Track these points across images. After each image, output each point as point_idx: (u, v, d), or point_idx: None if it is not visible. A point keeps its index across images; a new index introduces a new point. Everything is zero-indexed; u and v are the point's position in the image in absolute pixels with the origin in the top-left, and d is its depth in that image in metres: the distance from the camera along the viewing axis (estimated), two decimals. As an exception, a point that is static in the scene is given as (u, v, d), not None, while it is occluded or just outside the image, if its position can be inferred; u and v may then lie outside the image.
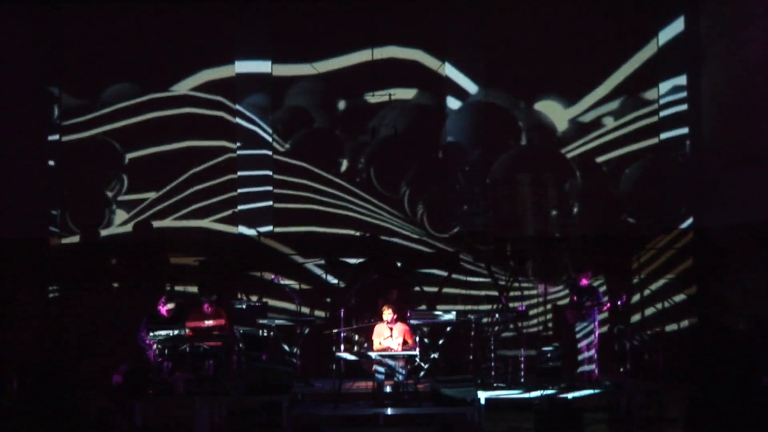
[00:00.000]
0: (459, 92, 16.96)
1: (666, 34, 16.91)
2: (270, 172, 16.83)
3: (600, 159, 17.01)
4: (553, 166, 16.95)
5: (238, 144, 16.81)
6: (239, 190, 16.74)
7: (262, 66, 16.91)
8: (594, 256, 16.55)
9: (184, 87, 16.86)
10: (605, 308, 13.71)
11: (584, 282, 13.88)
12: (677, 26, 16.90)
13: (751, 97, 15.07)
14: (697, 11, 16.65)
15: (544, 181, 16.93)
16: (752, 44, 15.02)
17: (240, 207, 16.65)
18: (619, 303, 14.13)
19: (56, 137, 16.79)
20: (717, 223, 16.26)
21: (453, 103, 17.00)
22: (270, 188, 16.78)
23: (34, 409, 11.88)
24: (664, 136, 16.96)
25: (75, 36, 16.72)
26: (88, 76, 16.75)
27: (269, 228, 16.70)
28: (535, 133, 17.06)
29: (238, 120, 16.83)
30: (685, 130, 16.89)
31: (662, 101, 16.96)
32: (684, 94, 16.86)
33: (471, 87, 16.96)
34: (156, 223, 16.76)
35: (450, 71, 16.95)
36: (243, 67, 16.87)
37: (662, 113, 16.96)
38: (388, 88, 16.77)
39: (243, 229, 16.63)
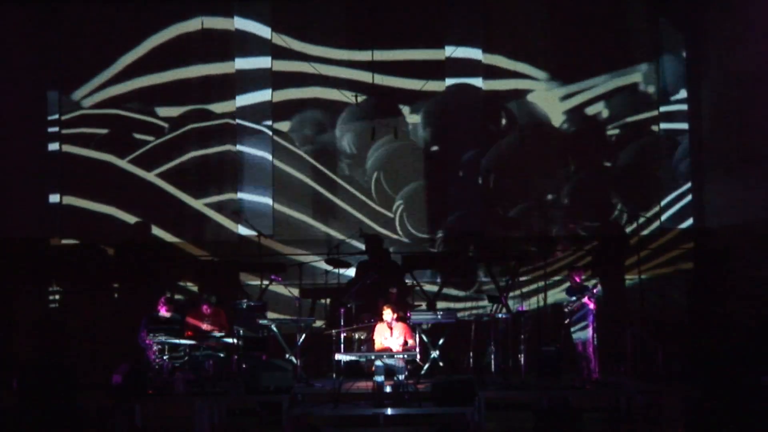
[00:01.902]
0: (459, 87, 16.98)
1: (667, 58, 17.05)
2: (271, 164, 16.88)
3: (599, 158, 17.06)
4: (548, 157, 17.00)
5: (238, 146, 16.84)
6: (239, 195, 16.78)
7: (261, 29, 16.87)
8: (590, 255, 16.60)
9: (180, 29, 16.78)
10: (593, 306, 13.62)
11: (577, 280, 13.89)
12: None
13: (751, 100, 15.11)
14: (696, 36, 16.75)
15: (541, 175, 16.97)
16: (751, 55, 15.11)
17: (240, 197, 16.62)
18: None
19: (56, 129, 16.76)
20: (717, 223, 16.27)
21: (452, 99, 17.00)
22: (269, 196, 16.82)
23: (34, 409, 11.88)
24: (663, 134, 17.02)
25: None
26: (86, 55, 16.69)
27: (270, 221, 16.68)
28: (530, 130, 17.06)
29: (238, 120, 16.88)
30: (685, 130, 16.94)
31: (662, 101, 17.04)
32: (684, 106, 16.95)
33: (472, 82, 16.97)
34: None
35: (450, 65, 16.94)
36: (241, 24, 16.85)
37: (662, 111, 17.02)
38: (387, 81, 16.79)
39: (243, 230, 16.61)
